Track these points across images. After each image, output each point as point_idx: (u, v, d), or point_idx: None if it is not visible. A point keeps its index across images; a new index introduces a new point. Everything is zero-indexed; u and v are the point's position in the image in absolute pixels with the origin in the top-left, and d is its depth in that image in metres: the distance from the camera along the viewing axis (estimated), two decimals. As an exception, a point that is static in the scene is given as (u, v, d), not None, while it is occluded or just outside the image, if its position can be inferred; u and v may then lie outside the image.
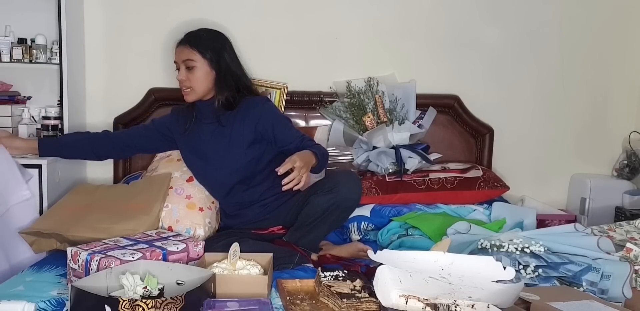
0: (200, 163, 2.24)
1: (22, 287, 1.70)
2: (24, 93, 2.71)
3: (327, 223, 2.08)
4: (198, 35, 2.18)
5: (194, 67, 2.13)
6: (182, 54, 2.15)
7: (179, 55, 2.15)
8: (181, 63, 2.14)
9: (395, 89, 2.75)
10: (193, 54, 2.13)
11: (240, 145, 2.17)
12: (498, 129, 2.86)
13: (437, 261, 1.51)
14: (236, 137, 2.18)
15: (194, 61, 2.13)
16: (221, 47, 2.19)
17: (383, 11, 2.83)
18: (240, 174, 2.19)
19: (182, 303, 1.41)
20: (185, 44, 2.15)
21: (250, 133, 2.17)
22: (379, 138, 2.62)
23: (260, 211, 2.21)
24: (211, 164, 2.21)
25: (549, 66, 2.93)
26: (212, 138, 2.20)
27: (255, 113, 2.17)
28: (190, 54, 2.13)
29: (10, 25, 2.61)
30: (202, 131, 2.23)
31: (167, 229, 2.11)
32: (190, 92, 2.16)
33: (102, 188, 2.36)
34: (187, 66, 2.13)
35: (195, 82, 2.14)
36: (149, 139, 2.34)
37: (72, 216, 2.08)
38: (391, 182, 2.52)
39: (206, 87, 2.16)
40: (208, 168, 2.22)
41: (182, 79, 2.14)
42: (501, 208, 2.44)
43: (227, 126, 2.18)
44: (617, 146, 2.99)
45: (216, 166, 2.20)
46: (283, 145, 2.18)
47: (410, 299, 1.50)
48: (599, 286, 1.78)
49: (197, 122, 2.24)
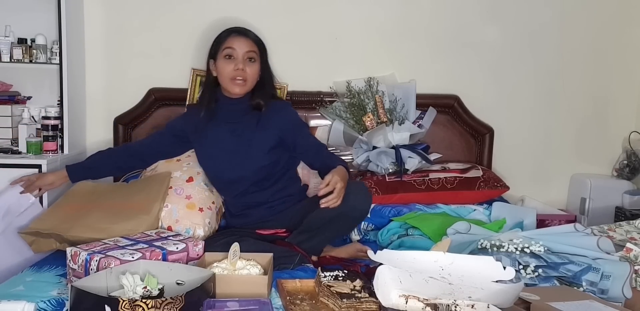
0: (215, 162, 2.22)
1: (22, 287, 1.70)
2: (24, 93, 2.72)
3: (332, 230, 2.06)
4: (255, 34, 2.18)
5: (255, 61, 2.13)
6: (245, 45, 2.12)
7: (242, 45, 2.11)
8: (243, 53, 2.11)
9: (395, 89, 2.75)
10: (255, 48, 2.13)
11: (261, 148, 2.16)
12: (498, 129, 2.86)
13: (437, 261, 1.51)
14: (258, 140, 2.17)
15: (256, 54, 2.12)
16: (266, 52, 2.21)
17: (383, 11, 2.83)
18: (256, 177, 2.18)
19: (182, 303, 1.41)
20: (249, 37, 2.14)
21: (272, 138, 2.17)
22: (379, 138, 2.62)
23: (267, 212, 2.21)
24: (227, 164, 2.19)
25: (549, 66, 2.93)
26: (231, 138, 2.19)
27: (280, 118, 2.18)
28: (253, 47, 2.13)
29: (10, 25, 2.61)
30: (221, 130, 2.21)
31: (167, 229, 2.11)
32: (243, 84, 2.13)
33: (101, 186, 2.35)
34: (248, 57, 2.12)
35: (250, 75, 2.12)
36: (166, 145, 2.32)
37: (71, 215, 2.08)
38: (391, 182, 2.52)
39: (254, 83, 2.16)
40: (224, 167, 2.20)
41: (242, 68, 2.10)
42: (501, 208, 2.44)
43: (249, 127, 2.18)
44: (617, 146, 2.99)
45: (232, 167, 2.18)
46: (301, 152, 2.20)
47: (410, 299, 1.50)
48: (599, 286, 1.78)
49: (216, 121, 2.22)
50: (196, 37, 2.76)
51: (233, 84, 2.13)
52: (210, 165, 2.26)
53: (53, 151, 2.50)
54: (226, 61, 2.12)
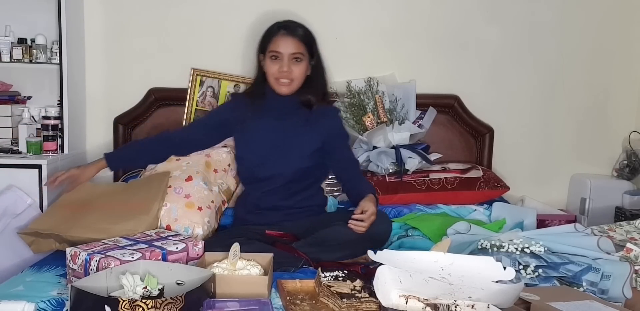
0: (256, 155, 2.20)
1: (22, 287, 1.69)
2: (24, 93, 2.72)
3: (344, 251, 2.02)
4: (304, 30, 2.15)
5: (302, 60, 2.12)
6: (291, 46, 2.10)
7: (289, 47, 2.10)
8: (288, 55, 2.10)
9: (395, 89, 2.75)
10: (302, 48, 2.11)
11: (305, 149, 2.17)
12: (498, 129, 2.86)
13: (437, 261, 1.51)
14: (302, 141, 2.17)
15: (302, 54, 2.11)
16: (315, 43, 2.18)
17: (383, 11, 2.83)
18: (292, 177, 2.17)
19: (182, 303, 1.41)
20: (295, 37, 2.12)
21: (317, 141, 2.18)
22: (379, 138, 2.61)
23: (284, 218, 2.20)
24: (268, 159, 2.17)
25: (549, 66, 2.93)
26: (276, 134, 2.17)
27: (328, 123, 2.21)
28: (300, 48, 2.11)
29: (10, 25, 2.61)
30: (266, 125, 2.18)
31: (166, 228, 2.11)
32: (289, 85, 2.13)
33: (100, 186, 2.35)
34: (294, 58, 2.11)
35: (297, 75, 2.12)
36: (205, 134, 2.28)
37: (71, 216, 2.08)
38: (391, 182, 2.52)
39: (302, 81, 2.15)
40: (263, 162, 2.18)
41: (287, 70, 2.10)
42: (501, 208, 2.44)
43: (296, 126, 2.18)
44: (617, 146, 2.99)
45: (272, 163, 2.16)
46: (335, 161, 2.22)
47: (410, 299, 1.50)
48: (599, 286, 1.77)
49: (262, 115, 2.19)
50: (196, 36, 2.77)
51: (278, 84, 2.14)
52: (249, 158, 2.22)
53: (53, 151, 2.50)
54: (272, 61, 2.13)
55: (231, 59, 2.75)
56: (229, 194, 2.38)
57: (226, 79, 2.73)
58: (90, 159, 2.78)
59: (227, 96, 2.60)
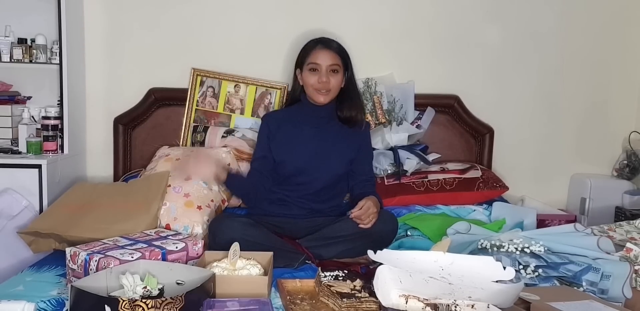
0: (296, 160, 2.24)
1: (22, 287, 1.69)
2: (24, 93, 2.72)
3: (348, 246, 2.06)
4: (338, 45, 2.27)
5: (338, 72, 2.22)
6: (330, 59, 2.21)
7: (327, 59, 2.21)
8: (326, 67, 2.20)
9: (393, 89, 2.74)
10: (338, 60, 2.22)
11: (343, 156, 2.27)
12: (498, 129, 2.86)
13: (437, 261, 1.51)
14: (340, 148, 2.26)
15: (339, 66, 2.22)
16: (350, 60, 2.29)
17: (383, 11, 2.83)
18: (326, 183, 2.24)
19: (182, 303, 1.41)
20: (333, 50, 2.23)
21: (352, 151, 2.28)
22: (377, 139, 2.61)
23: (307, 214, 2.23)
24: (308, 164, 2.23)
25: (549, 65, 2.93)
26: (315, 141, 2.26)
27: (363, 136, 2.34)
28: (336, 60, 2.22)
29: (10, 25, 2.61)
30: (304, 133, 2.27)
31: (165, 227, 2.11)
32: (327, 94, 2.23)
33: (100, 186, 2.35)
34: (331, 69, 2.21)
35: (334, 85, 2.22)
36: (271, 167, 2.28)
37: (70, 215, 2.08)
38: (390, 185, 2.52)
39: (337, 91, 2.26)
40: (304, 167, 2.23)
41: (325, 81, 2.20)
42: (501, 208, 2.44)
43: (333, 134, 2.27)
44: (617, 146, 2.99)
45: (311, 168, 2.23)
46: (354, 172, 2.30)
47: (410, 299, 1.50)
48: (599, 286, 1.77)
49: (300, 124, 2.28)
50: (196, 36, 2.76)
51: (317, 94, 2.23)
52: (292, 163, 2.25)
53: (53, 151, 2.51)
54: (311, 73, 2.22)
55: (231, 59, 2.76)
56: (228, 193, 2.38)
57: (226, 79, 2.73)
58: (90, 159, 2.80)
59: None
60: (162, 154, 2.49)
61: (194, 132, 2.69)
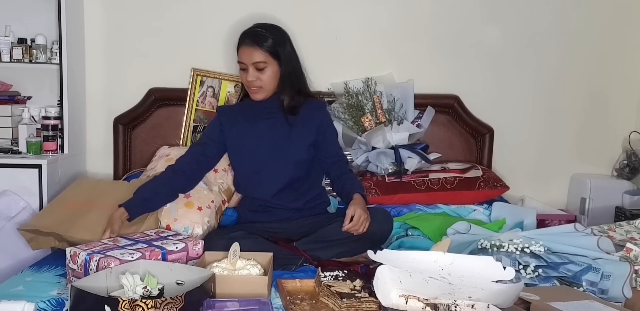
0: (254, 157, 2.20)
1: (22, 287, 1.69)
2: (24, 93, 2.72)
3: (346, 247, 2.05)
4: (261, 34, 2.13)
5: (265, 68, 2.13)
6: (250, 56, 2.11)
7: (247, 57, 2.11)
8: (251, 64, 2.11)
9: (393, 89, 2.74)
10: (261, 55, 2.11)
11: (301, 142, 2.19)
12: (498, 129, 2.86)
13: (437, 261, 1.51)
14: (297, 135, 2.19)
15: (264, 62, 2.11)
16: (283, 43, 2.16)
17: (383, 11, 2.83)
18: (296, 172, 2.19)
19: (182, 303, 1.41)
20: (252, 45, 2.11)
21: (312, 135, 2.21)
22: (377, 139, 2.61)
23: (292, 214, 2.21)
24: (267, 158, 2.18)
25: (549, 65, 2.93)
26: (269, 133, 2.19)
27: (318, 117, 2.23)
28: (259, 56, 2.11)
29: (10, 25, 2.61)
30: (258, 127, 2.20)
31: (165, 228, 2.11)
32: (259, 91, 2.16)
33: (102, 183, 2.35)
34: (256, 68, 2.12)
35: (265, 81, 2.14)
36: (207, 155, 2.24)
37: (71, 214, 2.07)
38: (391, 183, 2.52)
39: (274, 85, 2.17)
40: (263, 161, 2.19)
41: (252, 79, 2.12)
42: (501, 208, 2.44)
43: (286, 122, 2.19)
44: (617, 146, 2.99)
45: (273, 161, 2.18)
46: (324, 157, 2.25)
47: (410, 299, 1.50)
48: (599, 286, 1.77)
49: (252, 119, 2.22)
50: (196, 36, 2.76)
51: (251, 92, 2.18)
52: (248, 162, 2.22)
53: (53, 151, 2.50)
54: (242, 71, 2.16)
55: (231, 59, 2.75)
56: (229, 193, 2.38)
57: (226, 79, 2.73)
58: (90, 159, 2.79)
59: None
60: (162, 154, 2.49)
61: (194, 132, 2.70)
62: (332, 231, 2.05)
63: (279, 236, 2.14)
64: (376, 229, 2.05)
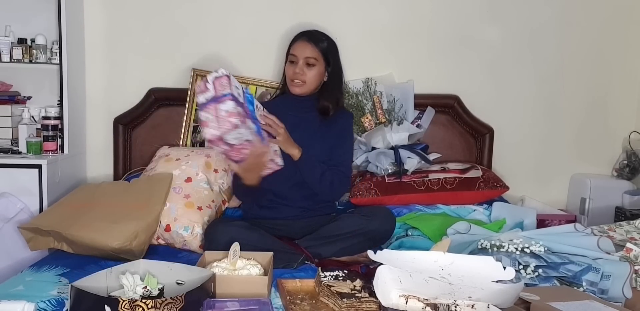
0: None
1: (22, 287, 1.69)
2: (24, 93, 2.72)
3: (347, 244, 2.08)
4: (319, 35, 2.27)
5: (314, 66, 2.21)
6: (304, 50, 2.21)
7: (301, 50, 2.21)
8: (302, 58, 2.21)
9: (393, 89, 2.74)
10: (315, 52, 2.21)
11: (325, 143, 2.24)
12: (498, 129, 2.86)
13: (437, 261, 1.51)
14: (322, 136, 2.24)
15: (315, 59, 2.21)
16: (335, 52, 2.28)
17: (383, 11, 2.83)
18: None
19: (182, 303, 1.41)
20: (308, 41, 2.22)
21: (333, 138, 2.26)
22: (377, 139, 2.61)
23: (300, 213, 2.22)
24: None
25: (549, 65, 2.93)
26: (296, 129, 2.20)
27: (343, 123, 2.31)
28: (312, 52, 2.21)
29: (10, 25, 2.61)
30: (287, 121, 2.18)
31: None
32: (301, 86, 2.23)
33: (103, 185, 2.36)
34: (307, 63, 2.21)
35: (310, 78, 2.22)
36: None
37: (72, 213, 2.08)
38: (391, 183, 2.52)
39: (315, 85, 2.25)
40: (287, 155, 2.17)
41: (298, 72, 2.21)
42: (501, 208, 2.44)
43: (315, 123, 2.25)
44: (617, 146, 2.99)
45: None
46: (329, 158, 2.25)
47: (410, 299, 1.50)
48: (599, 286, 1.78)
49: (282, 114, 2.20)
50: (196, 36, 2.76)
51: (292, 85, 2.24)
52: None
53: (53, 151, 2.51)
54: (290, 64, 2.24)
55: (231, 59, 2.75)
56: (229, 193, 2.38)
57: (226, 79, 2.72)
58: (90, 159, 2.80)
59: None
60: (162, 154, 2.49)
61: (194, 132, 2.70)
62: (333, 227, 2.10)
63: (281, 234, 2.15)
64: (378, 227, 2.08)
